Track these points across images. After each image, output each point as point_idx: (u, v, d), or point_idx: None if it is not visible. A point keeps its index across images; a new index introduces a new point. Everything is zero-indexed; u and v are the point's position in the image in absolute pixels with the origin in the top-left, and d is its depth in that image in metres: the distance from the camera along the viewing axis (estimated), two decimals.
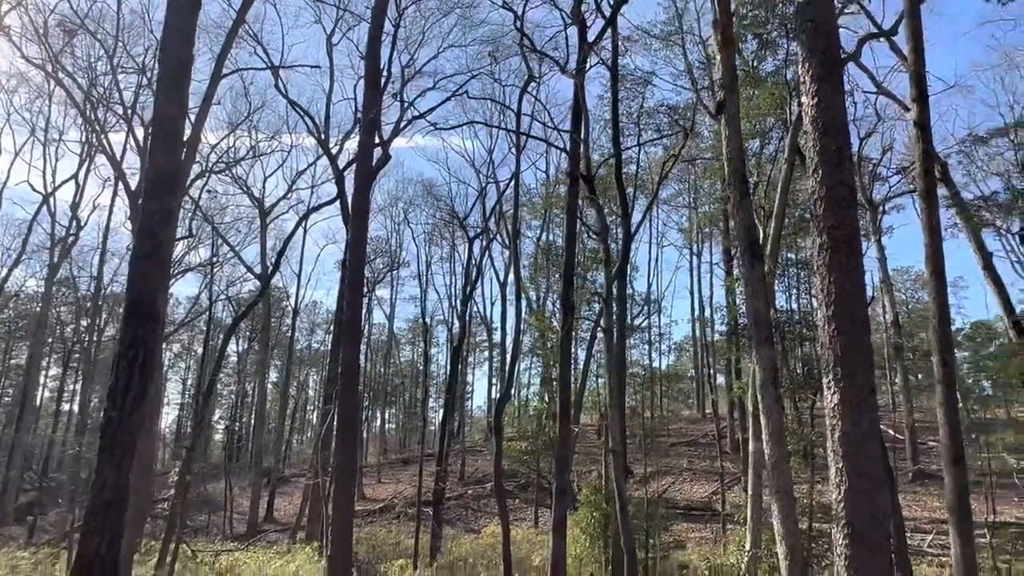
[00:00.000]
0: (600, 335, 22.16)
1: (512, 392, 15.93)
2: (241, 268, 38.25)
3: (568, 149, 12.64)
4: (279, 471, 37.97)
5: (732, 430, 30.64)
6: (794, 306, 14.87)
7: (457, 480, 33.85)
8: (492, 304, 75.83)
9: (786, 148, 13.56)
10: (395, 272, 44.53)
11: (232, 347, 58.88)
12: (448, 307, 45.76)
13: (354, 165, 27.25)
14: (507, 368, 14.82)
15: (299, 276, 38.93)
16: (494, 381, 47.91)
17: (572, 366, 14.50)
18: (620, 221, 16.95)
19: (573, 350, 24.03)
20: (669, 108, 19.62)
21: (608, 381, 9.58)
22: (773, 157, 15.97)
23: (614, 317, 11.03)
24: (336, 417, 11.18)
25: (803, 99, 5.46)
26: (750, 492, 11.97)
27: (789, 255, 15.07)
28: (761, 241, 16.10)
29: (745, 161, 8.00)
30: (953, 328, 15.66)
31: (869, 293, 9.07)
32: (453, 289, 44.17)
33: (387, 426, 61.63)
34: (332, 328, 26.35)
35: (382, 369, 56.22)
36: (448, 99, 19.64)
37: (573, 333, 14.21)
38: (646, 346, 32.93)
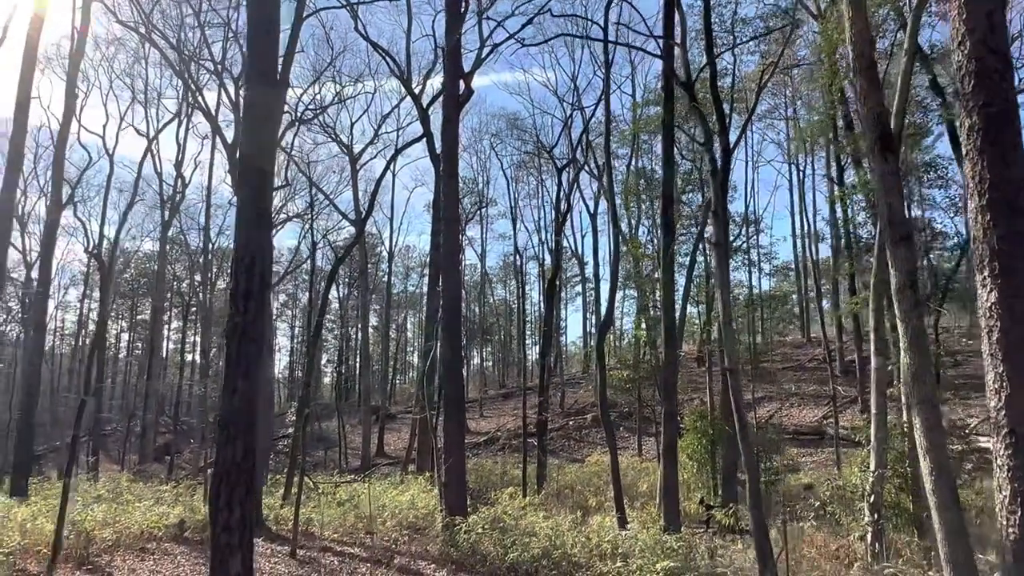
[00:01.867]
0: (700, 258, 21.46)
1: (613, 319, 15.64)
2: (336, 216, 39.29)
3: (663, 55, 11.84)
4: (386, 408, 39.53)
5: (841, 352, 29.36)
6: (915, 213, 13.74)
7: (558, 412, 34.23)
8: (583, 236, 75.05)
9: (905, 39, 12.26)
10: (484, 210, 44.62)
11: (333, 294, 61.26)
12: (539, 242, 45.61)
13: (438, 102, 27.08)
14: (608, 294, 14.50)
15: (391, 220, 39.62)
16: (589, 315, 47.79)
17: (674, 289, 14.01)
18: (718, 136, 16.07)
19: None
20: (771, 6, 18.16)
21: (721, 296, 9.14)
22: (889, 52, 14.55)
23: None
24: (440, 349, 11.27)
25: None
26: (874, 411, 11.31)
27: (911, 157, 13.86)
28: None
29: (873, 44, 7.19)
30: None
31: None
32: (543, 223, 43.91)
33: (485, 364, 62.92)
34: (428, 269, 26.64)
35: (476, 308, 57.03)
36: (530, 21, 18.83)
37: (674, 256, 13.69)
38: (747, 268, 31.70)
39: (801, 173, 35.14)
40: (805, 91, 31.68)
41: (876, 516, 10.65)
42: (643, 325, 20.50)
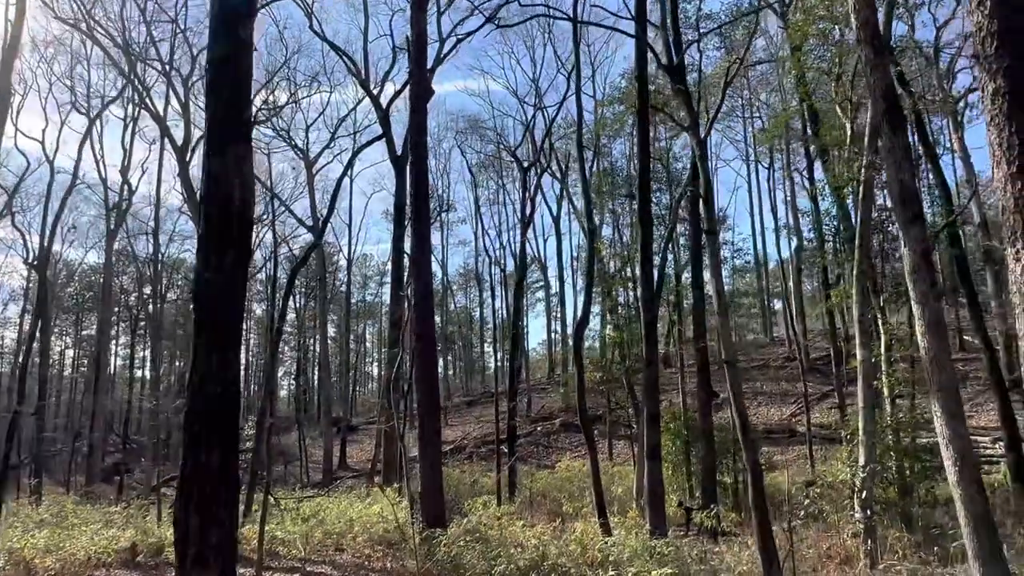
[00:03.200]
0: (670, 256, 21.21)
1: (589, 317, 15.26)
2: (291, 224, 38.21)
3: (636, 36, 11.41)
4: (348, 420, 38.47)
5: (806, 350, 29.53)
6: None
7: (525, 418, 33.69)
8: (545, 241, 74.90)
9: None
10: (445, 215, 43.86)
11: (290, 303, 59.78)
12: (499, 247, 45.07)
13: (397, 104, 26.42)
14: (584, 291, 14.06)
15: (349, 227, 38.66)
16: (554, 319, 47.44)
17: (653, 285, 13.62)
18: (690, 129, 15.79)
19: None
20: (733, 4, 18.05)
21: (714, 286, 8.75)
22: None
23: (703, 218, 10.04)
24: (414, 352, 10.64)
25: None
26: (861, 404, 11.04)
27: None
28: (848, 138, 14.77)
29: (876, 11, 6.85)
30: None
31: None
32: (506, 227, 43.40)
33: (448, 372, 62.03)
34: (390, 275, 25.87)
35: (438, 317, 56.19)
36: (497, 11, 18.29)
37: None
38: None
39: (768, 171, 35.36)
40: (764, 93, 31.97)
41: (868, 512, 10.35)
42: (615, 325, 20.11)
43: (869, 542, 10.38)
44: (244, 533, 13.51)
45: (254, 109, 27.11)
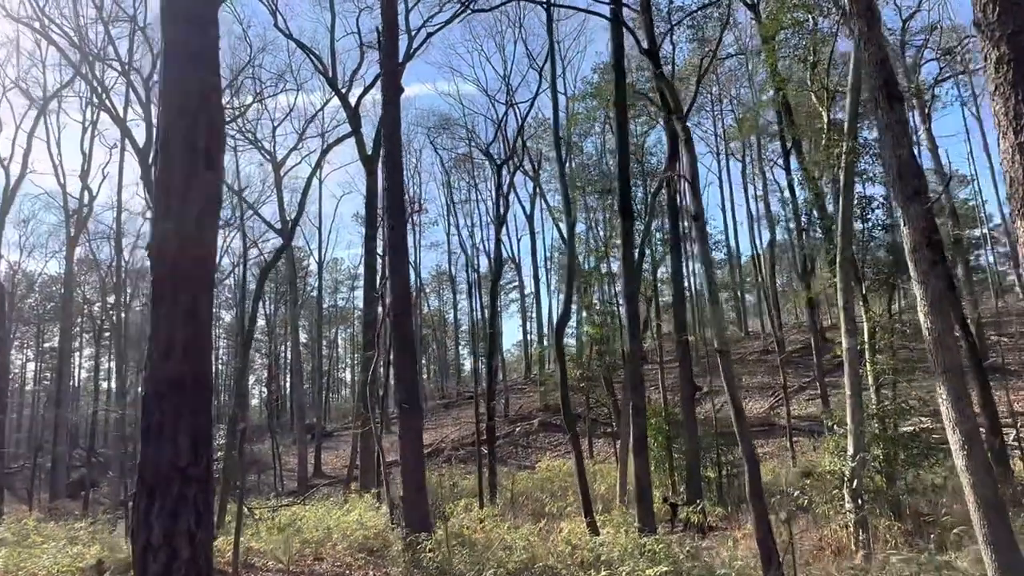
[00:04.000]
0: (647, 251, 21.04)
1: (571, 312, 14.91)
2: (259, 229, 37.42)
3: (611, 19, 11.13)
4: (322, 426, 37.74)
5: (782, 343, 29.63)
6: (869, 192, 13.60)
7: (502, 419, 33.34)
8: (519, 240, 74.71)
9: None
10: (416, 217, 43.25)
11: (260, 309, 58.72)
12: (472, 247, 44.70)
13: (365, 100, 25.92)
14: (566, 286, 13.74)
15: (319, 230, 37.87)
16: (529, 320, 47.21)
17: (635, 278, 13.41)
18: (664, 121, 15.62)
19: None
20: None
21: (705, 273, 8.52)
22: (834, 32, 14.41)
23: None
24: (393, 352, 10.26)
25: None
26: (848, 392, 10.92)
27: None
28: (825, 127, 14.71)
29: None
30: None
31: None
32: (479, 228, 43.03)
33: (423, 374, 61.44)
34: (363, 277, 25.36)
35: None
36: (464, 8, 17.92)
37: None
38: (690, 260, 31.59)
39: (740, 163, 35.48)
40: (732, 88, 32.10)
41: (860, 502, 10.21)
42: (593, 322, 19.87)
43: (861, 532, 10.25)
44: (218, 545, 12.98)
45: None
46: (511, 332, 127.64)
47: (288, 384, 50.45)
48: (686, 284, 29.68)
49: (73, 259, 32.20)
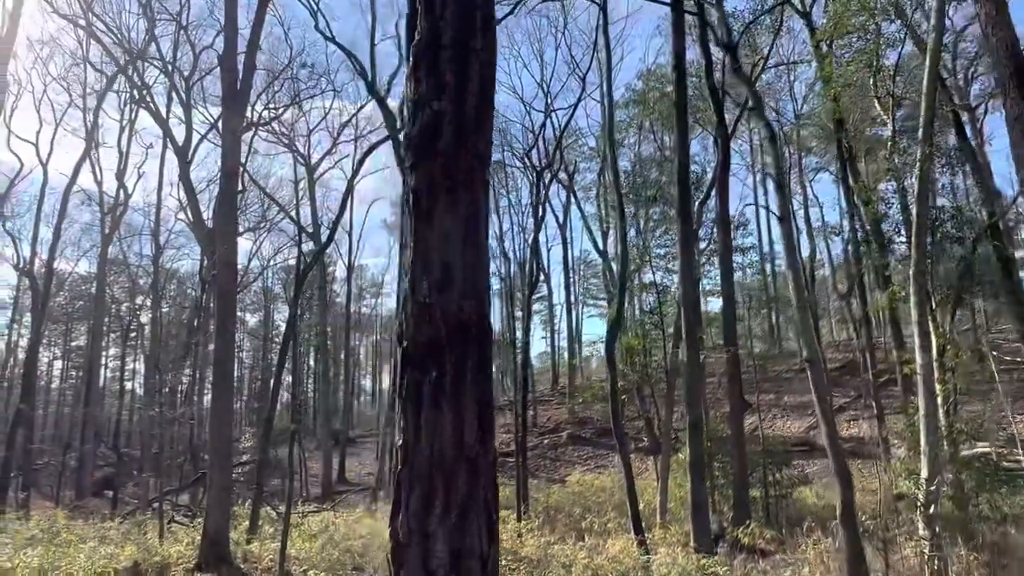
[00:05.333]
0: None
1: (623, 319, 14.33)
2: (287, 235, 37.32)
3: (673, 24, 10.71)
4: (346, 433, 37.43)
5: (824, 360, 28.80)
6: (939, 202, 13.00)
7: (530, 430, 32.78)
8: (549, 250, 74.40)
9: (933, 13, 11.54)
10: None
11: (285, 314, 58.85)
12: (500, 255, 44.29)
13: (404, 103, 25.70)
14: (618, 292, 13.26)
15: (349, 235, 37.63)
16: (559, 331, 46.66)
17: (695, 285, 12.90)
18: (717, 127, 15.15)
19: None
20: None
21: (791, 278, 8.02)
22: (901, 37, 13.87)
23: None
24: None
25: None
26: (923, 413, 10.27)
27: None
28: (892, 134, 14.15)
29: None
30: None
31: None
32: (508, 236, 42.61)
33: None
34: (397, 281, 24.96)
35: None
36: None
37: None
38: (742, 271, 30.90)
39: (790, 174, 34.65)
40: (769, 100, 31.49)
41: (936, 530, 9.57)
42: (638, 332, 19.34)
43: (937, 561, 9.61)
44: (253, 550, 12.63)
45: (259, 107, 26.39)
46: (535, 343, 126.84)
47: (314, 389, 50.28)
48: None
49: (107, 256, 32.27)
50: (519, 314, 52.27)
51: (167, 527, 14.10)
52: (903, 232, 13.31)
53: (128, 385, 57.22)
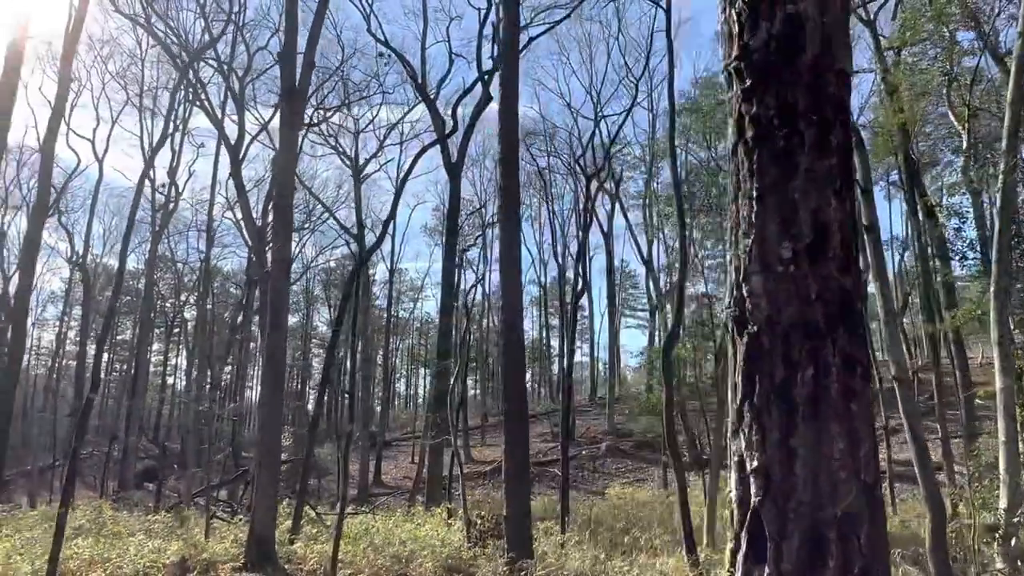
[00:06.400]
0: None
1: (681, 329, 13.92)
2: (328, 238, 37.61)
3: None
4: (383, 435, 37.48)
5: (879, 380, 27.89)
6: None
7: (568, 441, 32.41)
8: (591, 259, 73.98)
9: (1020, 19, 11.01)
10: (487, 233, 42.91)
11: (324, 316, 59.37)
12: (540, 262, 44.09)
13: (447, 109, 25.66)
14: (676, 300, 12.86)
15: (393, 238, 37.78)
16: (599, 342, 46.21)
17: None
18: None
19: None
20: None
21: (879, 290, 7.58)
22: (980, 47, 13.31)
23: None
24: (503, 359, 9.60)
25: None
26: (1002, 439, 9.73)
27: None
28: (966, 146, 13.57)
29: None
30: None
31: None
32: (547, 245, 42.35)
33: (478, 392, 60.80)
34: (441, 283, 24.93)
35: (476, 334, 55.16)
36: None
37: None
38: None
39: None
40: None
41: (1017, 565, 9.00)
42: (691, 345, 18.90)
43: None
44: (296, 550, 12.52)
45: (309, 110, 26.59)
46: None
47: (352, 391, 50.48)
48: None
49: (156, 251, 32.86)
50: (554, 323, 52.20)
51: (218, 522, 14.10)
52: (977, 248, 12.73)
53: (170, 380, 58.34)
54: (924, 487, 6.70)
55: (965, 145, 12.94)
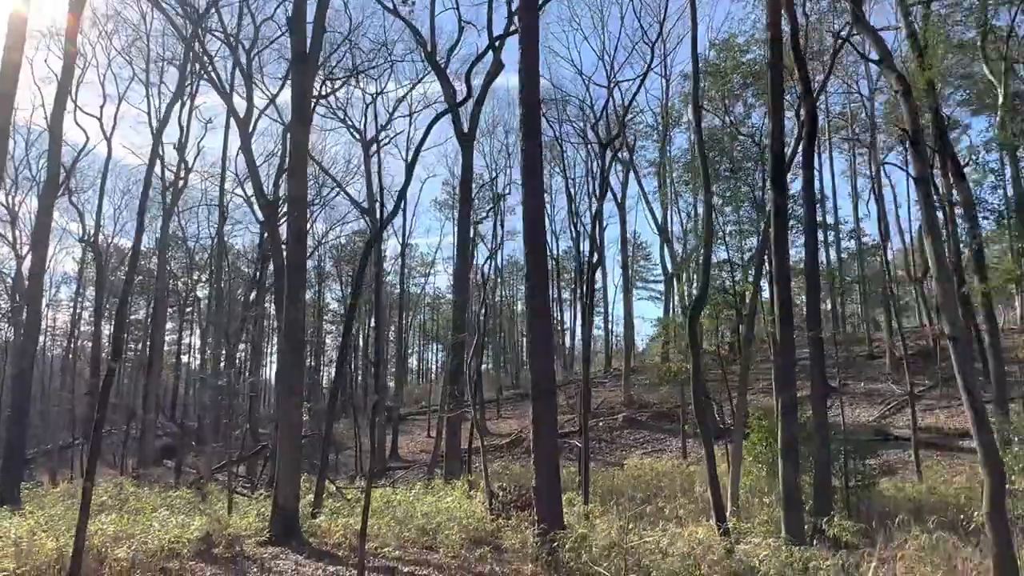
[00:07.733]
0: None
1: (708, 292, 13.60)
2: (338, 213, 37.26)
3: None
4: (398, 409, 37.52)
5: (891, 348, 27.58)
6: None
7: (584, 412, 32.27)
8: (604, 229, 73.66)
9: None
10: (500, 205, 42.43)
11: (337, 292, 59.33)
12: (551, 234, 43.57)
13: (463, 81, 25.14)
14: (703, 263, 12.52)
15: (404, 211, 37.46)
16: (610, 308, 45.89)
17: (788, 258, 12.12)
18: (803, 97, 14.24)
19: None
20: None
21: (932, 247, 7.26)
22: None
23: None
24: (528, 329, 9.35)
25: None
26: None
27: None
28: (1002, 100, 13.06)
29: None
30: None
31: None
32: (558, 216, 41.95)
33: (491, 365, 60.72)
34: (454, 256, 24.64)
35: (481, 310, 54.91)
36: None
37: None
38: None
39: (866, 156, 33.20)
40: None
41: None
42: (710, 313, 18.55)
43: None
44: (320, 524, 12.43)
45: (317, 83, 26.11)
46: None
47: (367, 365, 50.53)
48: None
49: (168, 229, 32.70)
50: (565, 296, 51.87)
51: (239, 498, 14.03)
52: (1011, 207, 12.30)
53: (184, 359, 58.60)
54: (982, 450, 6.43)
55: (1001, 100, 12.43)
